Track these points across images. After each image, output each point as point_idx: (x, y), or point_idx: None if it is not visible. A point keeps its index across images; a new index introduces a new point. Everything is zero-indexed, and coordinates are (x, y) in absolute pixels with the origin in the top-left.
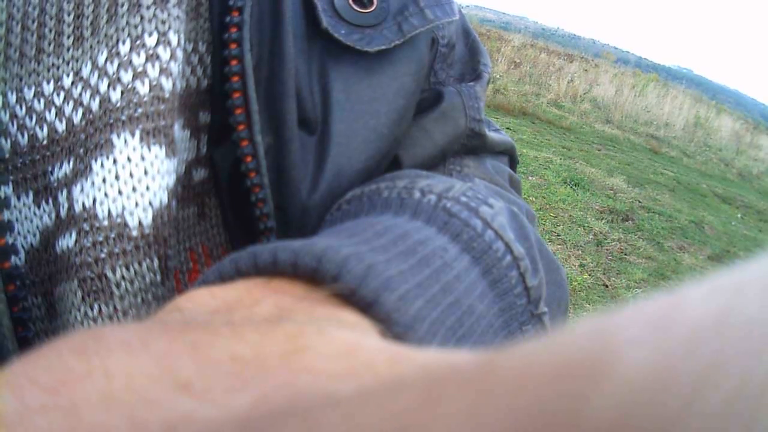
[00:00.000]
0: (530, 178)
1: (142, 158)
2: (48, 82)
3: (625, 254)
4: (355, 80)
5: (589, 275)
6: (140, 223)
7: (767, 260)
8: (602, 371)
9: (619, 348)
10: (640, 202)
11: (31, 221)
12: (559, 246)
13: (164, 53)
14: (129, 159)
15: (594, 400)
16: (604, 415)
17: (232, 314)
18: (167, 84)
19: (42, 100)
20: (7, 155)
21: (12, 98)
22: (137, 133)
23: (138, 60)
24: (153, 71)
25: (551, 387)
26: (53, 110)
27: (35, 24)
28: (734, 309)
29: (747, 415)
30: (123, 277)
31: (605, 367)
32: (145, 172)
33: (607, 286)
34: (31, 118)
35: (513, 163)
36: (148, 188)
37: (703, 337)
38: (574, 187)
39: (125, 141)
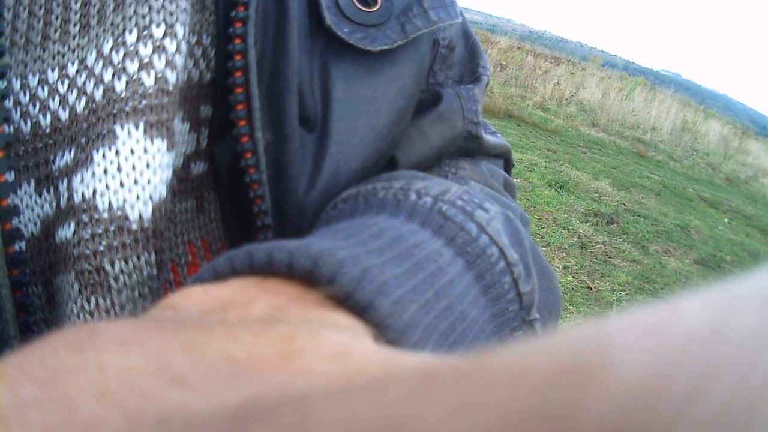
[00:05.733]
0: (515, 180)
1: (145, 151)
2: (53, 70)
3: (610, 257)
4: (357, 79)
5: (573, 277)
6: (140, 217)
7: (762, 275)
8: (597, 375)
9: (614, 353)
10: (625, 205)
11: (32, 210)
12: (543, 248)
13: (171, 45)
14: (132, 151)
15: (588, 403)
16: (598, 418)
17: (226, 313)
18: (172, 77)
19: (46, 88)
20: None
21: (16, 85)
22: (141, 125)
23: (145, 51)
24: (159, 63)
25: (546, 388)
26: (57, 98)
27: (42, 10)
28: (729, 321)
29: (740, 423)
30: (122, 271)
31: (600, 371)
32: (148, 165)
33: (591, 289)
34: (34, 105)
35: (508, 166)
36: (149, 182)
37: (698, 346)
38: (559, 189)
39: (129, 132)
